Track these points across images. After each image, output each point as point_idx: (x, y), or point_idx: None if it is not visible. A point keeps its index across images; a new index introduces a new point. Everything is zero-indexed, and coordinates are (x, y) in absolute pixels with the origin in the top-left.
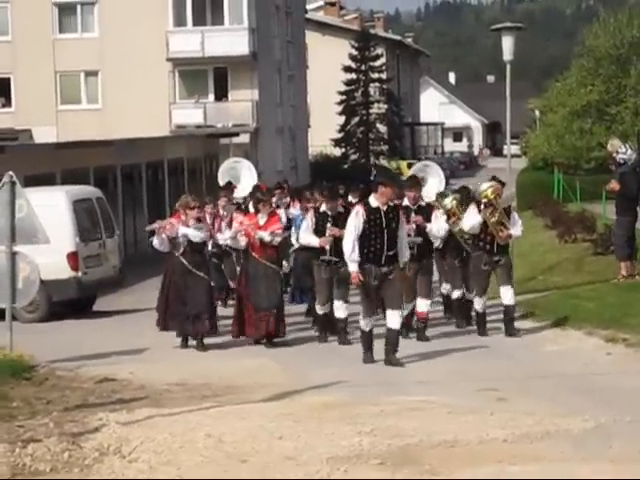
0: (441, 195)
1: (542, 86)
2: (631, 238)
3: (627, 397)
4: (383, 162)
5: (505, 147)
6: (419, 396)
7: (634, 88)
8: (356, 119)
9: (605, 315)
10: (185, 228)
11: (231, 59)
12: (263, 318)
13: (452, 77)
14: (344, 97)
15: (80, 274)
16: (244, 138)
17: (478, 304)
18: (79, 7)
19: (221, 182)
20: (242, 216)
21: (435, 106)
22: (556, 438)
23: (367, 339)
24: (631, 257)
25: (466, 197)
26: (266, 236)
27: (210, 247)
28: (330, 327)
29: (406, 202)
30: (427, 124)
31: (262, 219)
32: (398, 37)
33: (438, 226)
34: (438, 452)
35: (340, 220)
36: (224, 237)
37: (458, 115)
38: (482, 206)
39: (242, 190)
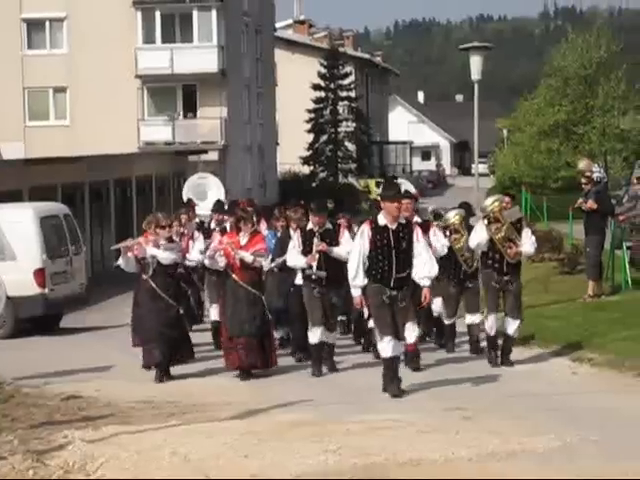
0: (436, 215)
1: (511, 105)
2: (600, 257)
3: (593, 416)
4: (351, 180)
5: (473, 166)
6: (385, 415)
7: (601, 108)
8: (325, 137)
9: (571, 335)
10: (154, 249)
11: (200, 76)
12: (236, 347)
13: (421, 96)
14: (313, 115)
15: (47, 291)
16: (213, 155)
17: (490, 326)
18: (48, 23)
19: (185, 199)
20: (200, 234)
21: (404, 125)
22: (521, 457)
23: (391, 366)
24: (600, 277)
25: (468, 212)
26: (247, 257)
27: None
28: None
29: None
30: (396, 143)
31: (244, 238)
32: (367, 55)
33: (440, 243)
34: (403, 471)
35: (328, 237)
36: (192, 257)
37: (427, 134)
38: (486, 222)
39: (207, 208)
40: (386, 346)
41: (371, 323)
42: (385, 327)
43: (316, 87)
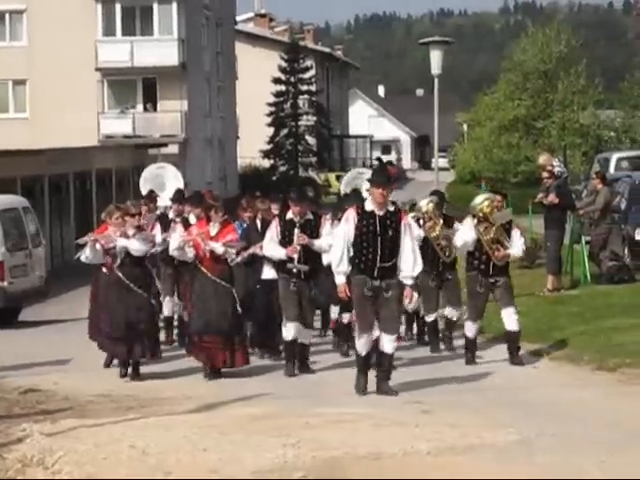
0: (412, 206)
1: (471, 100)
2: (559, 252)
3: (552, 410)
4: (312, 174)
5: (433, 160)
6: (345, 408)
7: (561, 103)
8: (285, 131)
9: (531, 329)
10: (124, 239)
11: (160, 69)
12: (207, 344)
13: (381, 90)
14: (273, 109)
15: (6, 284)
16: (173, 149)
17: (469, 329)
18: (7, 15)
19: (143, 190)
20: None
21: (364, 119)
22: (480, 451)
23: (362, 364)
24: (559, 271)
25: (441, 200)
26: (218, 248)
27: None
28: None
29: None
30: (356, 137)
31: (214, 228)
32: (328, 49)
33: (415, 233)
34: (363, 464)
35: (309, 228)
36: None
37: (387, 128)
38: (475, 221)
39: (167, 198)
40: (364, 343)
41: (346, 317)
42: (365, 324)
43: (276, 81)
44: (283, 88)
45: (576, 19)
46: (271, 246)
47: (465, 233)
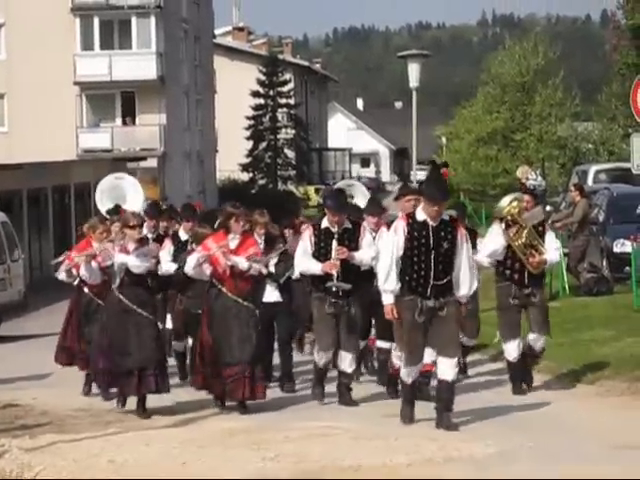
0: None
1: (450, 113)
2: None
3: (531, 423)
4: (291, 187)
5: (412, 173)
6: (324, 422)
7: (539, 115)
8: (264, 144)
9: None
10: (123, 256)
11: (139, 83)
12: (232, 375)
13: (360, 103)
14: (252, 122)
15: None
16: (152, 162)
17: (510, 352)
18: None
19: (101, 205)
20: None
21: (343, 131)
22: (459, 463)
23: (409, 393)
24: None
25: (462, 213)
26: (242, 263)
27: None
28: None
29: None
30: (335, 149)
31: (233, 241)
32: (306, 63)
33: None
34: (342, 477)
35: (347, 239)
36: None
37: (366, 141)
38: (503, 225)
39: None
40: (407, 376)
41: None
42: (414, 354)
43: (255, 94)
44: (262, 101)
45: (553, 31)
46: (304, 260)
47: (493, 240)
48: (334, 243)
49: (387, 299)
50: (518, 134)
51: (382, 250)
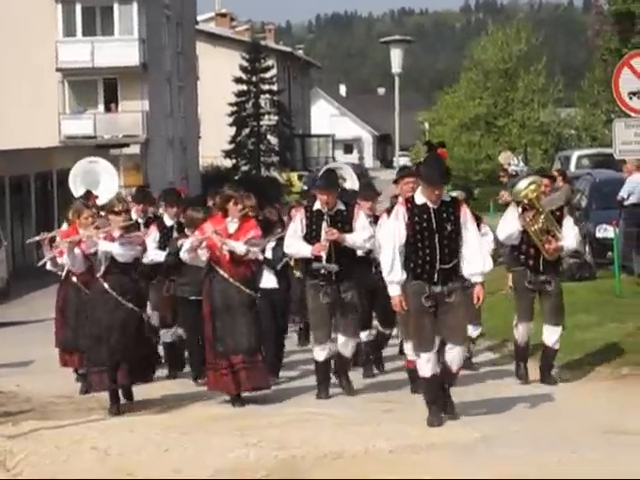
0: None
1: (433, 98)
2: None
3: (514, 408)
4: (274, 174)
5: (395, 159)
6: (306, 408)
7: (521, 101)
8: (247, 130)
9: (491, 327)
10: (108, 243)
11: (121, 70)
12: (228, 368)
13: (343, 89)
14: (235, 108)
15: None
16: (134, 149)
17: (521, 334)
18: None
19: (75, 190)
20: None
21: (326, 118)
22: (442, 449)
23: (430, 387)
24: None
25: (468, 196)
26: (240, 247)
27: None
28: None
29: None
30: (318, 136)
31: (232, 224)
32: (289, 49)
33: None
34: (324, 464)
35: (340, 221)
36: (153, 255)
37: (349, 127)
38: (520, 209)
39: (104, 197)
40: (425, 365)
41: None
42: (425, 340)
43: (238, 80)
44: (244, 88)
45: (536, 17)
46: (294, 242)
47: (509, 224)
48: (324, 224)
49: (394, 290)
50: (501, 120)
51: (384, 239)
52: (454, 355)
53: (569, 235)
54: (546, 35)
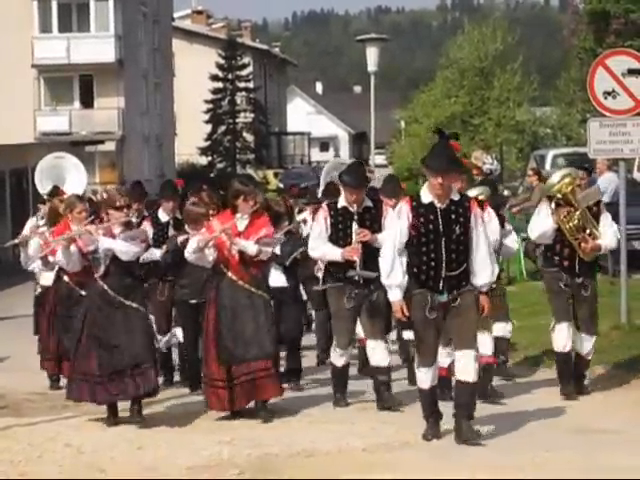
0: None
1: (409, 97)
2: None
3: (490, 408)
4: (250, 171)
5: (371, 157)
6: (280, 407)
7: (497, 100)
8: (223, 128)
9: None
10: (109, 240)
11: (97, 66)
12: (250, 373)
13: (319, 87)
14: (211, 106)
15: None
16: (110, 146)
17: (560, 340)
18: None
19: (41, 186)
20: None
21: (302, 116)
22: (415, 447)
23: (429, 401)
24: None
25: (494, 191)
26: (250, 247)
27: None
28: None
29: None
30: (294, 134)
31: (242, 222)
32: (265, 46)
33: (492, 228)
34: (297, 462)
35: (369, 219)
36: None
37: (325, 125)
38: (553, 205)
39: (71, 192)
40: (423, 377)
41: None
42: (427, 354)
43: (214, 78)
44: (221, 85)
45: (512, 16)
46: (320, 244)
47: (542, 221)
48: (354, 225)
49: (393, 295)
50: (476, 118)
51: (385, 239)
52: (465, 364)
53: (607, 233)
54: (522, 34)
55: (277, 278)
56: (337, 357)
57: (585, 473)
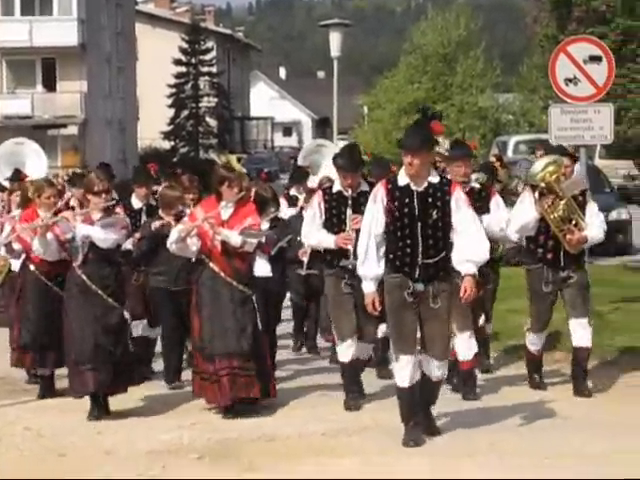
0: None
1: (372, 82)
2: None
3: (449, 394)
4: (212, 156)
5: (334, 143)
6: None
7: (460, 86)
8: (186, 112)
9: None
10: (87, 227)
11: (59, 50)
12: (227, 368)
13: (283, 72)
14: (174, 90)
15: None
16: (72, 130)
17: (532, 344)
18: None
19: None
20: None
21: (265, 101)
22: (375, 432)
23: (407, 398)
24: None
25: (492, 175)
26: (234, 237)
27: None
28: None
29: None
30: (257, 118)
31: (226, 210)
32: (229, 31)
33: (498, 218)
34: (257, 446)
35: (363, 203)
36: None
37: (288, 110)
38: (537, 195)
39: (32, 177)
40: (402, 371)
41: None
42: (404, 341)
43: (177, 62)
44: (184, 69)
45: (476, 3)
46: (313, 231)
47: (524, 212)
48: (348, 211)
49: (366, 287)
50: (439, 104)
51: (361, 225)
52: (433, 367)
53: (594, 223)
54: (485, 20)
55: (262, 267)
56: (343, 351)
57: (538, 454)
